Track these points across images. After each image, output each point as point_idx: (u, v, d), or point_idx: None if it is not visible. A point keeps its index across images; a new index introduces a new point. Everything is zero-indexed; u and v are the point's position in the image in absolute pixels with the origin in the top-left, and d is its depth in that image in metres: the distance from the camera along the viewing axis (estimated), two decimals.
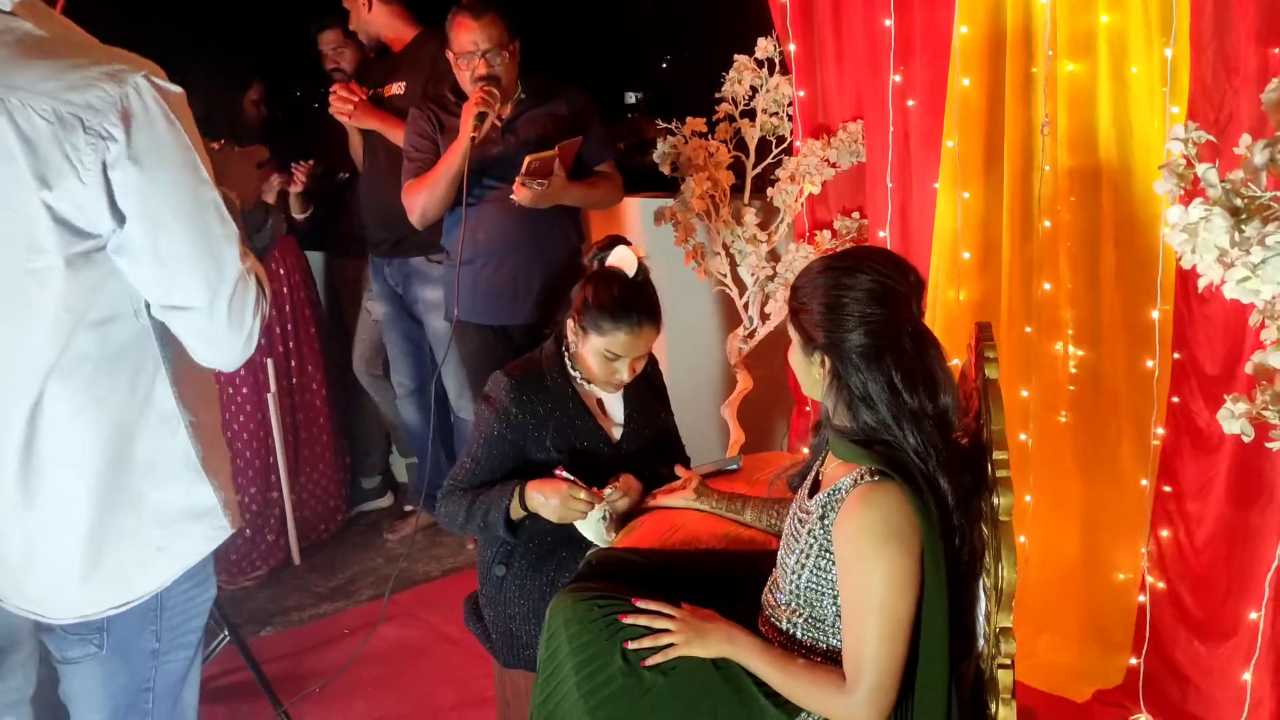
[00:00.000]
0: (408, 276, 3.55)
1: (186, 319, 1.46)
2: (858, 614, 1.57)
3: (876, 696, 1.56)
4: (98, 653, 1.60)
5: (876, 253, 1.72)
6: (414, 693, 2.87)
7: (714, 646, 1.70)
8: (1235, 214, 1.35)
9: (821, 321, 1.62)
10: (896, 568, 1.54)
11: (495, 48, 2.90)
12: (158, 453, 1.53)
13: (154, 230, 1.38)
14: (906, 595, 1.56)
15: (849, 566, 1.59)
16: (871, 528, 1.55)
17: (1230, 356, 2.32)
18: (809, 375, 1.69)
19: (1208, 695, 2.46)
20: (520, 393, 2.22)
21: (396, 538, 3.84)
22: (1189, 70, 2.27)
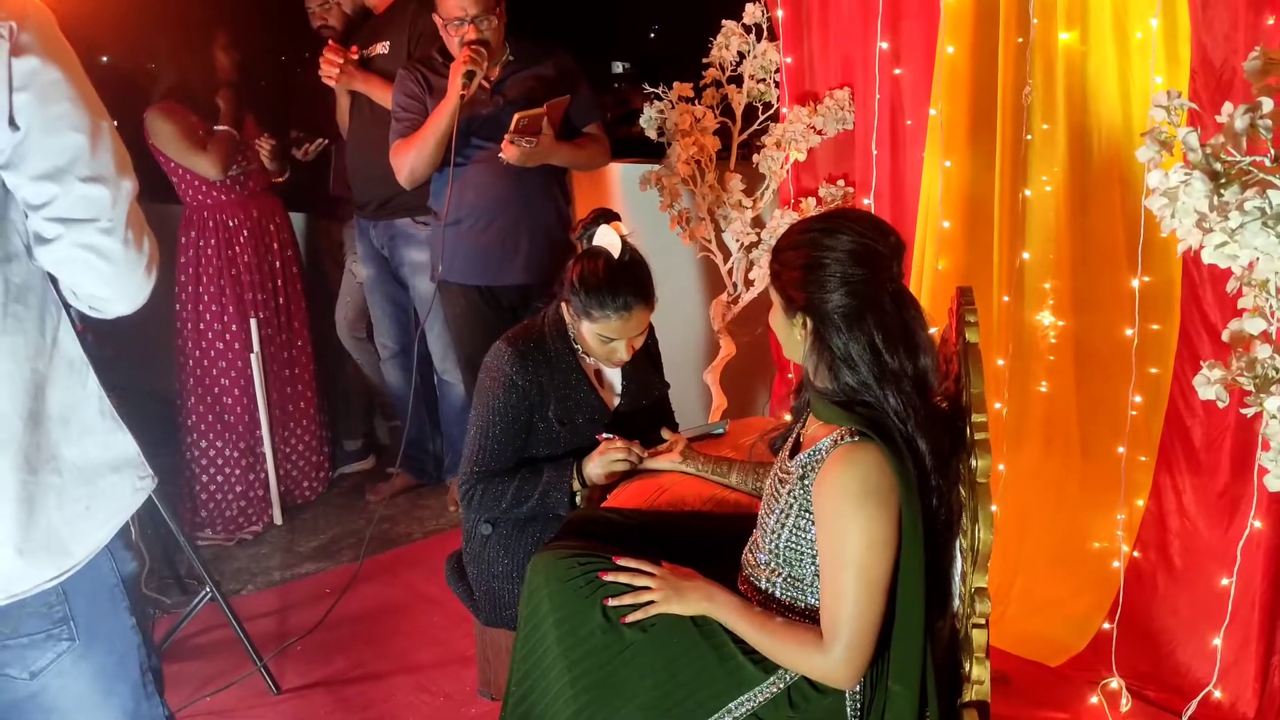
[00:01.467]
0: (394, 238, 3.54)
1: (83, 234, 1.31)
2: (835, 572, 1.59)
3: (852, 654, 1.59)
4: (72, 644, 1.44)
5: (856, 214, 1.74)
6: (394, 649, 2.89)
7: (693, 604, 1.72)
8: (1215, 178, 1.36)
9: (802, 282, 1.63)
10: (874, 527, 1.56)
11: (483, 13, 2.89)
12: (71, 403, 1.41)
13: (53, 133, 1.28)
14: (884, 554, 1.58)
15: (827, 525, 1.61)
16: (850, 487, 1.57)
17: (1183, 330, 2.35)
18: (790, 337, 1.70)
19: (1178, 659, 2.51)
20: (524, 362, 2.20)
21: (379, 499, 3.86)
22: (1189, 38, 2.28)
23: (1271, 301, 1.50)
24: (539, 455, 2.26)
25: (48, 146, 1.27)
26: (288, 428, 3.75)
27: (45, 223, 1.31)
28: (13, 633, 1.40)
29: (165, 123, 3.37)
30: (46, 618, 1.41)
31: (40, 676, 1.44)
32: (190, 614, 2.79)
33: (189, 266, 3.52)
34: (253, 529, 3.62)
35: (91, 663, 1.47)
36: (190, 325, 3.54)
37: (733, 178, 3.18)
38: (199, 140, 3.40)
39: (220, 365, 3.55)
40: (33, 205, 1.30)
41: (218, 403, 3.56)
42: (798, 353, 1.71)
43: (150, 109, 3.38)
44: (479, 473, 2.23)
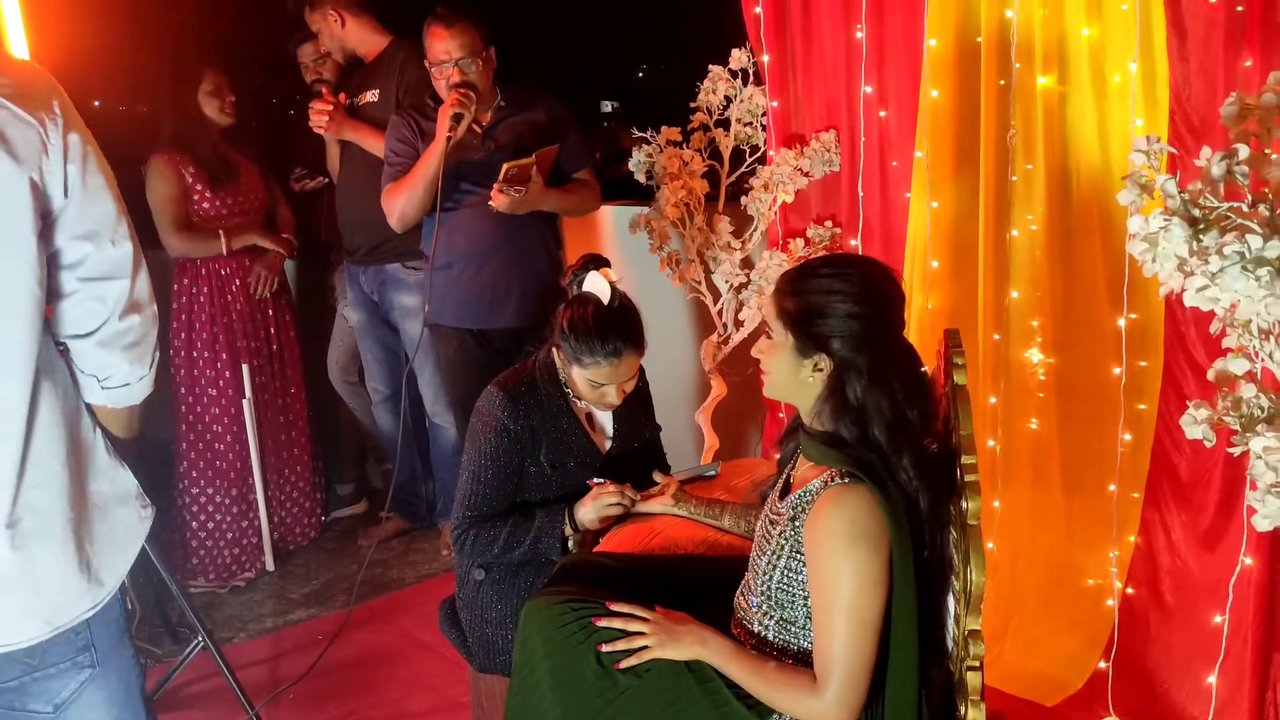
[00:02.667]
0: (384, 283, 3.56)
1: (116, 288, 1.45)
2: (827, 613, 1.59)
3: (846, 694, 1.58)
4: (93, 672, 1.51)
5: (872, 261, 1.73)
6: (387, 696, 2.87)
7: (686, 648, 1.72)
8: (1194, 224, 1.38)
9: (832, 329, 1.62)
10: (865, 567, 1.56)
11: (468, 55, 2.93)
12: (89, 444, 1.51)
13: (92, 201, 1.41)
14: (875, 595, 1.58)
15: (818, 566, 1.61)
16: (841, 528, 1.57)
17: (1171, 368, 2.37)
18: (796, 378, 1.67)
19: (1175, 698, 2.50)
20: (515, 406, 2.20)
21: (370, 544, 3.84)
22: (1167, 83, 2.32)
23: (1255, 342, 1.52)
24: (531, 499, 2.27)
25: (86, 214, 1.41)
26: (281, 474, 3.74)
27: (75, 281, 1.43)
28: (39, 664, 1.46)
29: (159, 180, 3.38)
30: (71, 645, 1.48)
31: (63, 710, 1.50)
32: (182, 663, 2.77)
33: (181, 313, 3.52)
34: (245, 575, 3.60)
35: (106, 691, 1.53)
36: (184, 372, 3.53)
37: (721, 220, 3.21)
38: (181, 215, 3.41)
39: (213, 412, 3.54)
40: (66, 264, 1.42)
41: (209, 449, 3.55)
42: (797, 393, 1.69)
43: (152, 157, 3.39)
44: (471, 517, 2.23)
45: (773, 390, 1.74)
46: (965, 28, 2.66)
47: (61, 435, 1.44)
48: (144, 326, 1.51)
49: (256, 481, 3.57)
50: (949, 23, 2.67)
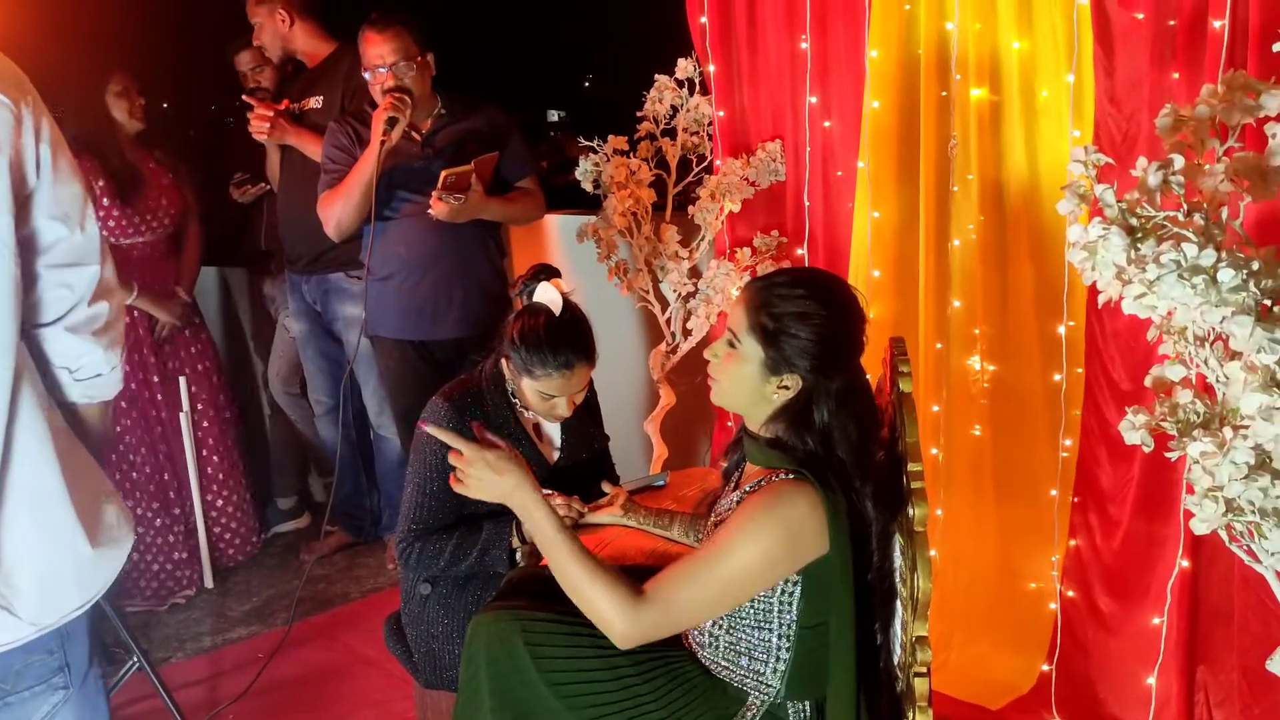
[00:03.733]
0: (326, 293, 3.51)
1: (85, 274, 1.43)
2: (706, 560, 1.57)
3: (657, 627, 1.57)
4: (67, 693, 1.45)
5: (842, 283, 1.71)
6: (331, 714, 2.82)
7: (503, 490, 1.63)
8: (1131, 233, 1.41)
9: (811, 351, 1.60)
10: (770, 551, 1.55)
11: (401, 60, 2.90)
12: (71, 441, 1.47)
13: (62, 182, 1.40)
14: (757, 580, 1.57)
15: (734, 522, 1.59)
16: (777, 506, 1.56)
17: (1140, 370, 2.41)
18: (758, 391, 1.65)
19: (1115, 699, 2.54)
20: (461, 417, 2.17)
21: (313, 559, 3.77)
22: (1093, 95, 2.36)
23: (1190, 348, 1.54)
24: (478, 512, 2.24)
25: (59, 195, 1.40)
26: (212, 490, 3.65)
27: (44, 268, 1.40)
28: (13, 687, 1.41)
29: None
30: (46, 665, 1.43)
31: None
32: (117, 685, 2.69)
33: None
34: (184, 593, 3.52)
35: (78, 713, 1.48)
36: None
37: (669, 229, 3.21)
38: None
39: (143, 425, 3.45)
40: (40, 248, 1.39)
41: (124, 461, 3.44)
42: (752, 405, 1.67)
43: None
44: (417, 530, 2.20)
45: (722, 398, 1.72)
46: (906, 39, 2.70)
47: (42, 420, 1.38)
48: (113, 312, 1.48)
49: (194, 496, 3.49)
50: (891, 34, 2.71)
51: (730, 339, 1.68)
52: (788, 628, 1.64)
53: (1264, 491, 1.40)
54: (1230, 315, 1.33)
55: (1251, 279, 1.34)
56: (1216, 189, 1.41)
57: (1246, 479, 1.40)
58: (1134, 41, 2.28)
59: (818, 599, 1.61)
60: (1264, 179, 1.40)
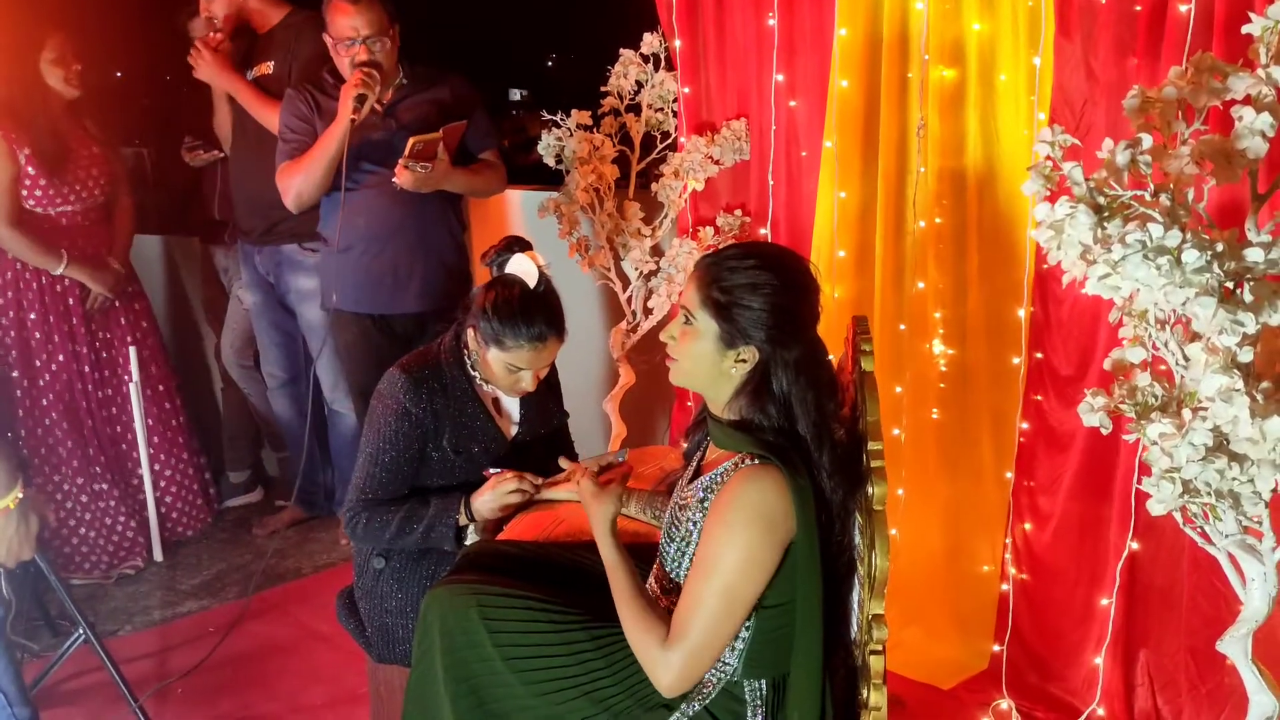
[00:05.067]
0: (279, 265, 3.44)
1: None
2: (703, 579, 1.57)
3: (687, 666, 1.58)
4: None
5: (793, 254, 1.72)
6: (282, 689, 2.78)
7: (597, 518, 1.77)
8: (1099, 211, 1.41)
9: (764, 322, 1.60)
10: (755, 549, 1.55)
11: (376, 34, 2.84)
12: None
13: None
14: (756, 577, 1.57)
15: (711, 533, 1.59)
16: (746, 503, 1.56)
17: (1083, 358, 2.44)
18: (716, 367, 1.64)
19: (1064, 679, 2.57)
20: (418, 389, 2.14)
21: (266, 533, 3.72)
22: (1050, 80, 2.37)
23: (1151, 331, 1.55)
24: (432, 486, 2.21)
25: None
26: (160, 460, 3.58)
27: None
28: None
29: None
30: None
31: None
32: (62, 658, 2.64)
33: (6, 290, 3.26)
34: (132, 564, 3.45)
35: None
36: (16, 355, 3.30)
37: (631, 206, 3.19)
38: (14, 206, 3.14)
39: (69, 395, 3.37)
40: None
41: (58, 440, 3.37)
42: (713, 383, 1.66)
43: None
44: (366, 501, 2.17)
45: (682, 378, 1.71)
46: (875, 18, 2.69)
47: None
48: None
49: (144, 467, 3.43)
50: (859, 13, 2.69)
51: (685, 317, 1.66)
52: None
53: (1220, 473, 1.41)
54: (1194, 296, 1.33)
55: (1215, 260, 1.35)
56: (1182, 171, 1.41)
57: (1204, 460, 1.41)
58: (1095, 27, 2.29)
59: (782, 580, 1.61)
60: (1228, 162, 1.40)
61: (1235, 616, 1.62)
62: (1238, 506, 1.46)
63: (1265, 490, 1.44)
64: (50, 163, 3.19)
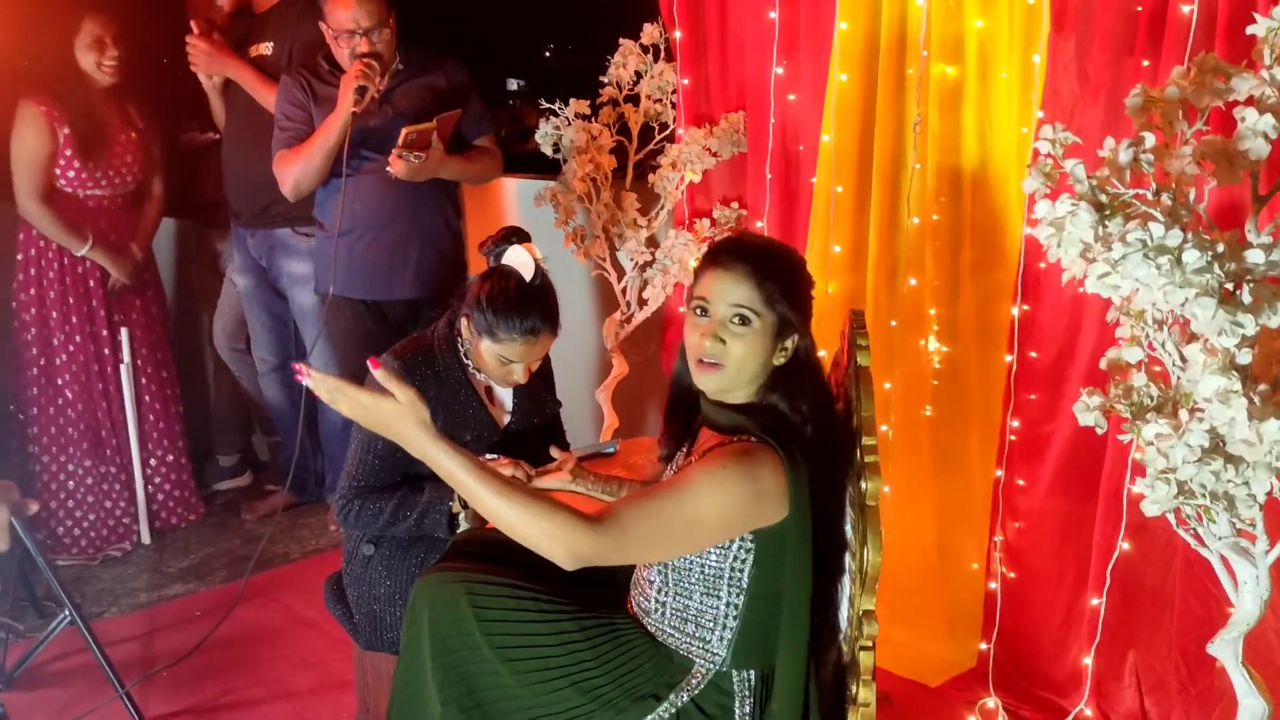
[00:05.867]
0: (272, 249, 3.42)
1: None
2: (668, 497, 1.52)
3: (608, 548, 1.47)
4: None
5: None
6: (269, 675, 2.77)
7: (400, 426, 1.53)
8: (1100, 210, 1.40)
9: (804, 309, 1.68)
10: (733, 500, 1.53)
11: (376, 25, 2.83)
12: None
13: None
14: (715, 528, 1.55)
15: (699, 465, 1.57)
16: (743, 462, 1.55)
17: (1073, 357, 2.43)
18: (765, 362, 1.64)
19: (1052, 678, 2.58)
20: (411, 376, 2.12)
21: (255, 518, 3.71)
22: (1043, 79, 2.36)
23: (1149, 330, 1.55)
24: (423, 473, 2.20)
25: None
26: (157, 448, 3.56)
27: None
28: None
29: (31, 135, 3.12)
30: None
31: None
32: (47, 638, 2.62)
33: (29, 266, 3.28)
34: (119, 546, 3.44)
35: None
36: (35, 332, 3.31)
37: (628, 197, 3.18)
38: (46, 182, 3.16)
39: (85, 377, 3.36)
40: None
41: (64, 415, 3.36)
42: (755, 377, 1.66)
43: (23, 102, 3.13)
44: (359, 488, 2.16)
45: (728, 381, 1.64)
46: (876, 13, 2.67)
47: None
48: None
49: (133, 449, 3.41)
50: (860, 8, 2.68)
51: (742, 317, 1.61)
52: (737, 595, 1.63)
53: (1216, 475, 1.41)
54: (1193, 296, 1.33)
55: (1215, 261, 1.34)
56: (1183, 171, 1.41)
57: (1199, 462, 1.40)
58: (1091, 29, 2.28)
59: (769, 567, 1.60)
60: (1230, 163, 1.40)
61: (1226, 618, 1.62)
62: (1232, 509, 1.46)
63: (1260, 493, 1.43)
64: (87, 145, 3.20)
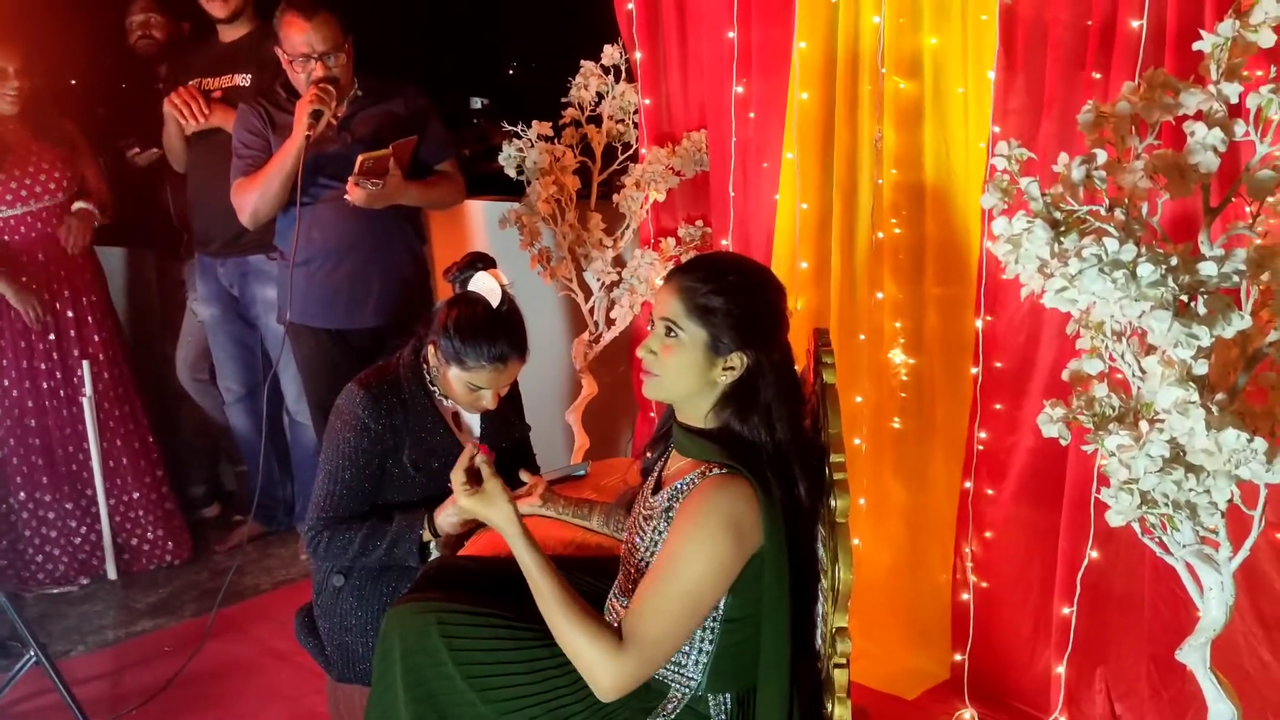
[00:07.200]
0: (245, 275, 3.40)
1: None
2: (665, 582, 1.56)
3: (641, 666, 1.56)
4: None
5: (754, 261, 1.80)
6: (240, 710, 2.74)
7: (498, 521, 1.67)
8: (1055, 226, 1.42)
9: (752, 324, 1.62)
10: (723, 556, 1.55)
11: (331, 49, 2.82)
12: None
13: None
14: (719, 586, 1.56)
15: (677, 536, 1.58)
16: (716, 509, 1.55)
17: (1036, 368, 2.46)
18: (703, 377, 1.63)
19: (1026, 688, 2.59)
20: (377, 405, 2.12)
21: (225, 549, 3.67)
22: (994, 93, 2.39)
23: (1108, 342, 1.57)
24: (393, 502, 2.19)
25: None
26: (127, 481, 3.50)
27: None
28: None
29: None
30: None
31: None
32: (12, 680, 2.58)
33: None
34: (78, 582, 3.39)
35: None
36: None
37: (593, 217, 3.18)
38: None
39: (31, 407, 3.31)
40: None
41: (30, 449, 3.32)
42: (697, 394, 1.65)
43: None
44: (327, 519, 2.14)
45: (663, 392, 1.68)
46: (835, 31, 2.70)
47: None
48: None
49: (97, 483, 3.36)
50: (819, 26, 2.70)
51: (668, 328, 1.64)
52: (712, 621, 1.63)
53: (1177, 484, 1.43)
54: (1149, 310, 1.35)
55: (1170, 274, 1.36)
56: (1136, 185, 1.43)
57: (1161, 472, 1.42)
58: (1044, 45, 2.31)
59: (745, 592, 1.60)
60: (1181, 176, 1.42)
61: (1195, 624, 1.63)
62: (1194, 517, 1.47)
63: (1221, 501, 1.45)
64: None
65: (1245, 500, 1.49)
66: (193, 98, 3.24)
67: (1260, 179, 1.48)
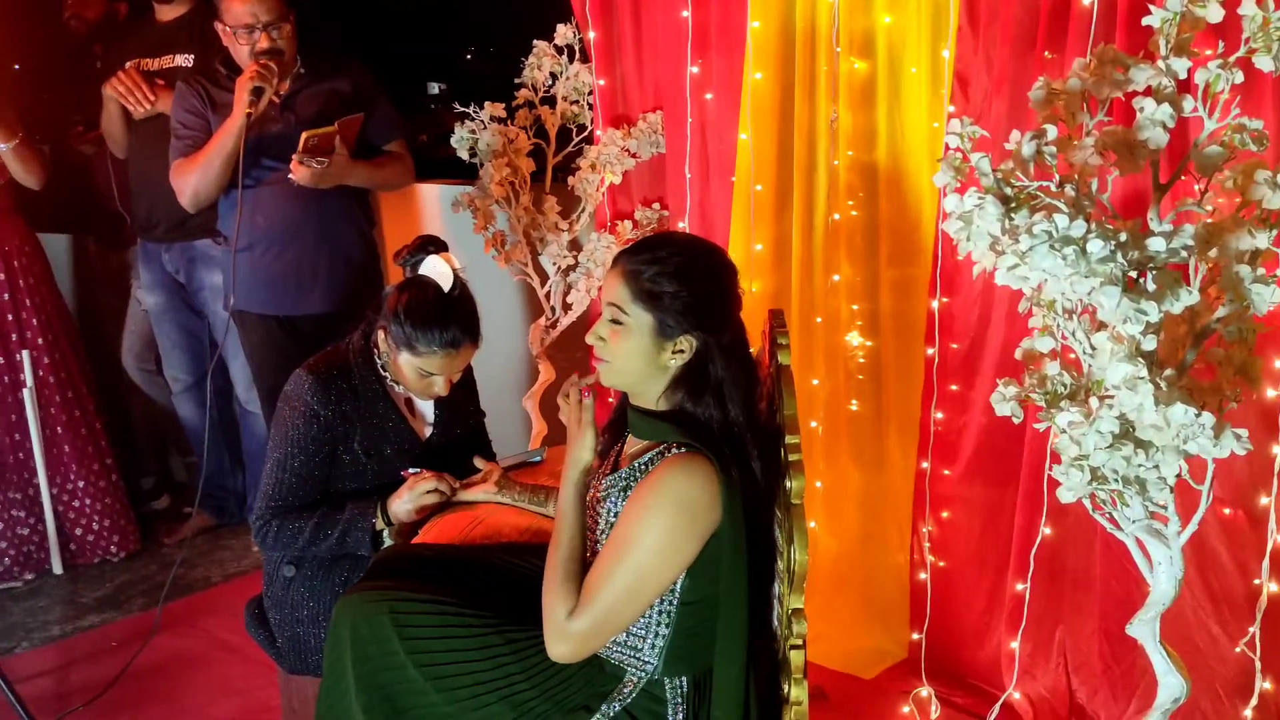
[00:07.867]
0: (192, 261, 3.33)
1: None
2: (615, 558, 1.56)
3: (587, 637, 1.59)
4: None
5: (703, 240, 1.77)
6: (190, 704, 2.69)
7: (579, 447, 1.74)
8: (1006, 203, 1.41)
9: (700, 307, 1.60)
10: (675, 536, 1.54)
11: (276, 19, 2.75)
12: None
13: None
14: (669, 565, 1.56)
15: (631, 512, 1.57)
16: (671, 489, 1.54)
17: (989, 347, 2.47)
18: (654, 361, 1.62)
19: (981, 665, 2.61)
20: (327, 390, 2.08)
21: (174, 542, 3.60)
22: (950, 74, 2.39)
23: (1059, 320, 1.57)
24: (345, 490, 2.15)
25: None
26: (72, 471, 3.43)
27: None
28: None
29: None
30: None
31: None
32: None
33: None
34: (22, 578, 3.31)
35: None
36: None
37: (548, 200, 3.14)
38: None
39: None
40: None
41: None
42: (649, 378, 1.64)
43: None
44: (276, 508, 2.10)
45: (615, 378, 1.67)
46: (788, 10, 2.68)
47: None
48: None
49: (40, 476, 3.28)
50: (772, 5, 2.68)
51: (614, 315, 1.63)
52: (668, 604, 1.61)
53: (1127, 460, 1.43)
54: (1099, 286, 1.35)
55: (1119, 250, 1.36)
56: (1086, 162, 1.42)
57: (1111, 448, 1.42)
58: (998, 23, 2.31)
59: (702, 575, 1.59)
60: (1131, 152, 1.42)
61: (1146, 598, 1.64)
62: (1144, 493, 1.48)
63: (1170, 476, 1.46)
64: None
65: (1193, 475, 1.51)
66: (135, 84, 3.15)
67: (1208, 155, 1.49)
